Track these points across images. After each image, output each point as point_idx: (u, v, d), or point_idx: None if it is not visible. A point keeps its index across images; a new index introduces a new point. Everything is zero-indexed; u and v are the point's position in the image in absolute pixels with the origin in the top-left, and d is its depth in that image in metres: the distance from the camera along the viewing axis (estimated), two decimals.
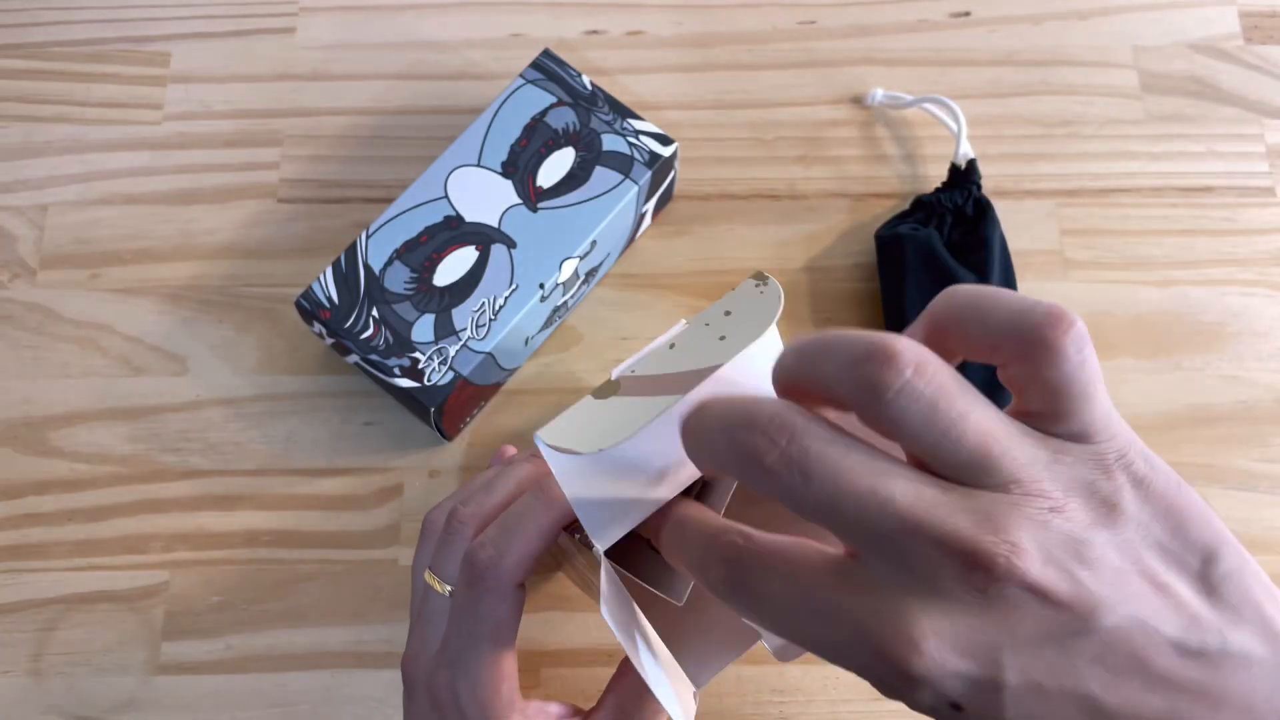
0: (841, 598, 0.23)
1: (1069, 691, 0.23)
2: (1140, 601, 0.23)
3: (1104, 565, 0.23)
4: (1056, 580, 0.23)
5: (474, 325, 0.44)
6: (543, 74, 0.48)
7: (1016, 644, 0.23)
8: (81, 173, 0.53)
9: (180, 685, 0.45)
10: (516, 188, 0.46)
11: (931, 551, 0.22)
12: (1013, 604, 0.22)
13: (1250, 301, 0.51)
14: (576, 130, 0.47)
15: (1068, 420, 0.25)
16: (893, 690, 0.23)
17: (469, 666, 0.34)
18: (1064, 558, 0.23)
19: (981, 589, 0.22)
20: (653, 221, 0.51)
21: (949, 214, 0.48)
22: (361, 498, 0.47)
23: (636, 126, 0.47)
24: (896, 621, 0.23)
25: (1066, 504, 0.23)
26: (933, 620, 0.22)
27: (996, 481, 0.23)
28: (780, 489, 0.24)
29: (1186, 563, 0.24)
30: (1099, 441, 0.25)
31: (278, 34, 0.55)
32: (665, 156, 0.47)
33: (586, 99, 0.48)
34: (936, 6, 0.56)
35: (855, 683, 0.45)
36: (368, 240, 0.45)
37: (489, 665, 0.34)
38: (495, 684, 0.34)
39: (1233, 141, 0.54)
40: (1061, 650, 0.23)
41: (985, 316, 0.25)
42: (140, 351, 0.50)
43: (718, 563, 0.26)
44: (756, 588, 0.25)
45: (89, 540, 0.47)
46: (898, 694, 0.23)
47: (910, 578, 0.23)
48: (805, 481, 0.23)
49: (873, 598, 0.23)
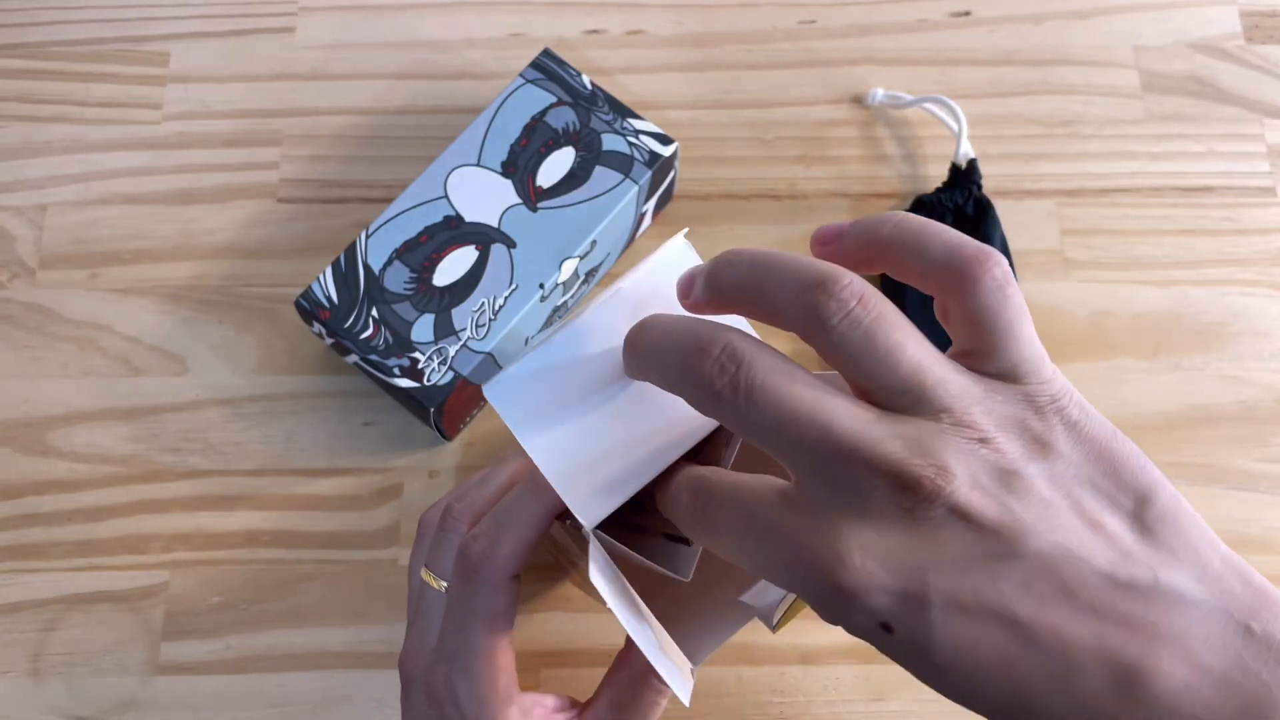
0: (782, 519, 0.25)
1: (995, 613, 0.23)
2: (1068, 532, 0.24)
3: (1032, 495, 0.24)
4: (982, 504, 0.23)
5: (474, 325, 0.44)
6: (543, 73, 0.48)
7: (942, 564, 0.23)
8: (81, 172, 0.53)
9: (180, 685, 0.45)
10: (516, 187, 0.46)
11: (863, 473, 0.24)
12: (940, 525, 0.23)
13: (1251, 301, 0.51)
14: (576, 130, 0.47)
15: (995, 357, 0.26)
16: (829, 609, 0.24)
17: (465, 660, 0.34)
18: (991, 484, 0.24)
19: (908, 509, 0.23)
20: (653, 221, 0.51)
21: (949, 214, 0.48)
22: (361, 498, 0.47)
23: (636, 126, 0.47)
24: (829, 538, 0.24)
25: (996, 437, 0.24)
26: (861, 537, 0.23)
27: (929, 410, 0.24)
28: (726, 413, 0.26)
29: (1120, 502, 0.25)
30: (1030, 383, 0.25)
31: (277, 33, 0.55)
32: (665, 156, 0.47)
33: (586, 99, 0.48)
34: (937, 6, 0.56)
35: (855, 683, 0.45)
36: (367, 240, 0.45)
37: (485, 658, 0.34)
38: (491, 677, 0.34)
39: (1233, 141, 0.54)
40: (987, 573, 0.23)
41: (923, 247, 0.26)
42: (140, 351, 0.50)
43: (686, 490, 0.28)
44: (714, 515, 0.26)
45: (88, 540, 0.47)
46: (835, 614, 0.24)
47: (844, 499, 0.24)
48: (749, 407, 0.25)
49: (810, 518, 0.24)
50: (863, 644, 0.45)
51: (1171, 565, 0.24)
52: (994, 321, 0.25)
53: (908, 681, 0.45)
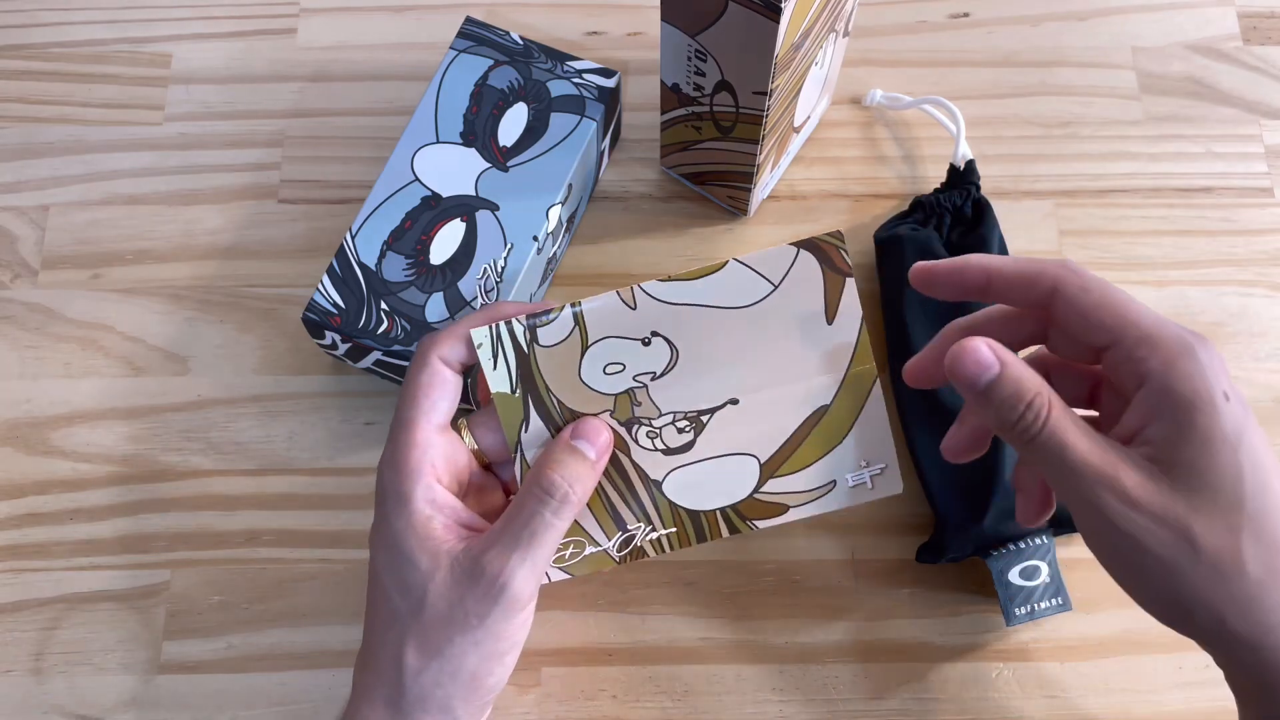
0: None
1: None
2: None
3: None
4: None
5: (483, 291, 0.45)
6: (472, 40, 0.49)
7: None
8: (83, 173, 0.53)
9: (181, 684, 0.45)
10: (482, 153, 0.47)
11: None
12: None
13: (1248, 302, 0.51)
14: (521, 85, 0.48)
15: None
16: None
17: (391, 436, 0.37)
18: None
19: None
20: (609, 162, 0.53)
21: (948, 214, 0.48)
22: (362, 497, 0.48)
23: (577, 67, 0.49)
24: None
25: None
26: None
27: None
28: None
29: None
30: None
31: (278, 35, 0.56)
32: (611, 88, 0.48)
33: (522, 54, 0.49)
34: (935, 8, 0.56)
35: (853, 681, 0.45)
36: (354, 240, 0.46)
37: (404, 429, 0.37)
38: (406, 450, 0.36)
39: (1231, 142, 0.54)
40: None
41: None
42: (141, 351, 0.50)
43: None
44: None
45: (90, 540, 0.47)
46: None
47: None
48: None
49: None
50: (862, 643, 0.45)
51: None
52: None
53: (906, 680, 0.45)
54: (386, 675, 0.36)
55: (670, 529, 0.39)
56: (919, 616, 0.46)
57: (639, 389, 0.39)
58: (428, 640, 0.35)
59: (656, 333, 0.38)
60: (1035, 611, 0.43)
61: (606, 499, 0.39)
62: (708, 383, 0.39)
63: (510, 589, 0.35)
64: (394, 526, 0.36)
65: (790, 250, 0.38)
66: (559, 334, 0.38)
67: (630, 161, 0.53)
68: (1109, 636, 0.45)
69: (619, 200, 0.52)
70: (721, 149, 0.47)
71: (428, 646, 0.35)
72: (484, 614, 0.35)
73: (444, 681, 0.35)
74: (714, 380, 0.39)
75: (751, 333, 0.38)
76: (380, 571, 0.37)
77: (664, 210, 0.52)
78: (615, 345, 0.38)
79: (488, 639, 0.35)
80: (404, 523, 0.36)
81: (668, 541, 0.40)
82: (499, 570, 0.35)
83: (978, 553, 0.44)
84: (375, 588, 0.37)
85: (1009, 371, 0.32)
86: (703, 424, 0.39)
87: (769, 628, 0.46)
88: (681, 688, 0.45)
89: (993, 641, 0.45)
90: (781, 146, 0.49)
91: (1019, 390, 0.32)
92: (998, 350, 0.33)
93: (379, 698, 0.36)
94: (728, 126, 0.46)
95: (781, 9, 0.37)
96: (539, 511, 0.36)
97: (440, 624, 0.35)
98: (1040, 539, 0.43)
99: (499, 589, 0.35)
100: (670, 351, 0.38)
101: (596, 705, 0.45)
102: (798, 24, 0.40)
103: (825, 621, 0.46)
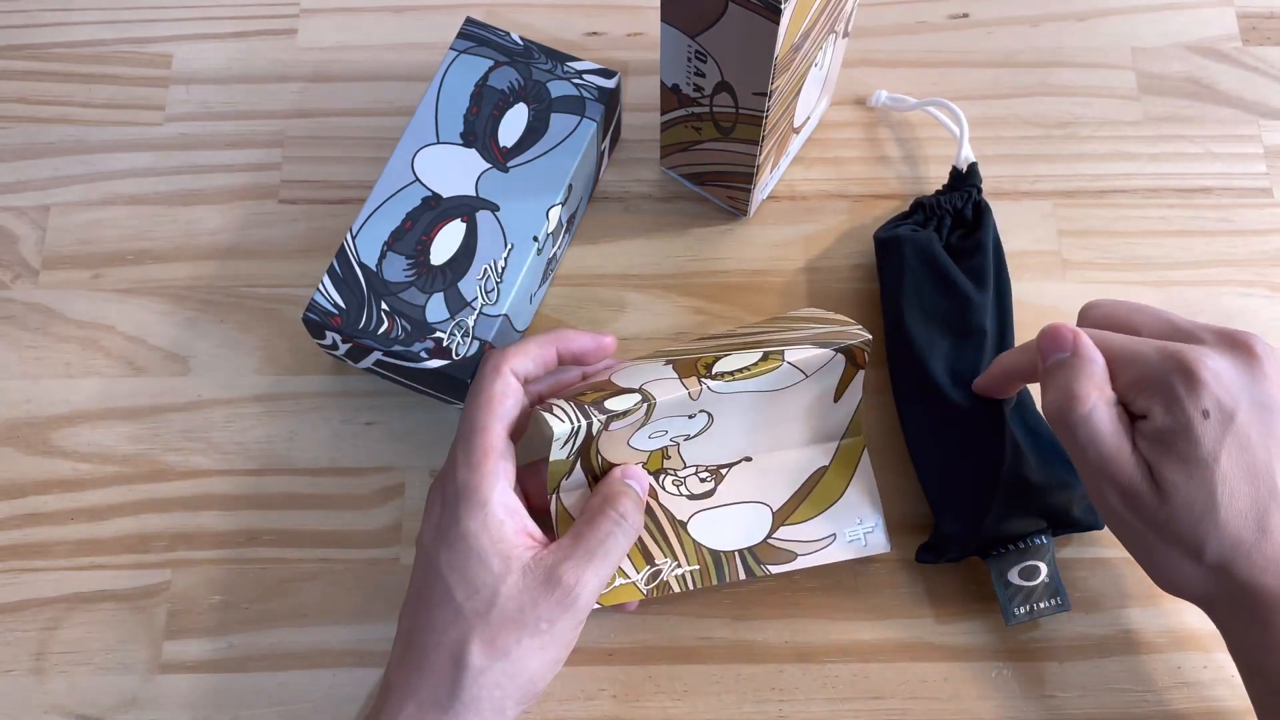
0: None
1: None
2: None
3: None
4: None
5: (483, 292, 0.45)
6: (473, 41, 0.49)
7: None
8: (84, 173, 0.53)
9: (182, 684, 0.45)
10: (482, 153, 0.47)
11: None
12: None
13: (1248, 302, 0.51)
14: (521, 86, 0.48)
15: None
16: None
17: (466, 434, 0.39)
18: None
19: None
20: (609, 162, 0.53)
21: (948, 216, 0.48)
22: (363, 497, 0.48)
23: (577, 68, 0.49)
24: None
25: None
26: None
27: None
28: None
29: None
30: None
31: (279, 35, 0.56)
32: (611, 88, 0.48)
33: (522, 54, 0.49)
34: (935, 8, 0.56)
35: (853, 680, 0.45)
36: (355, 240, 0.46)
37: (481, 433, 0.38)
38: (483, 453, 0.38)
39: (1230, 143, 0.54)
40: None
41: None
42: (142, 351, 0.50)
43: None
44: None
45: (91, 539, 0.47)
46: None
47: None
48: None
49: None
50: (862, 643, 0.45)
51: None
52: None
53: (906, 680, 0.45)
54: (440, 673, 0.37)
55: (694, 566, 0.43)
56: (919, 616, 0.46)
57: (671, 446, 0.43)
58: (495, 641, 0.36)
59: (703, 410, 0.42)
60: (1035, 611, 0.43)
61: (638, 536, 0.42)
62: (729, 443, 0.44)
63: (581, 599, 0.37)
64: (468, 526, 0.37)
65: (832, 354, 0.42)
66: (626, 420, 0.40)
67: (630, 162, 0.53)
68: (1109, 636, 0.45)
69: (619, 200, 0.53)
70: (721, 149, 0.47)
71: (495, 647, 0.36)
72: (554, 620, 0.37)
73: (504, 682, 0.37)
74: (735, 441, 0.44)
75: (773, 408, 0.43)
76: (444, 570, 0.37)
77: (664, 211, 0.52)
78: (667, 422, 0.41)
79: (552, 644, 0.37)
80: (479, 523, 0.37)
81: (692, 578, 0.43)
82: (575, 581, 0.37)
83: (977, 553, 0.44)
84: (433, 586, 0.38)
85: (1075, 361, 0.38)
86: (721, 475, 0.45)
87: (769, 628, 0.46)
88: (681, 688, 0.45)
89: (993, 641, 0.45)
90: (781, 147, 0.49)
91: (1074, 385, 0.38)
92: (1078, 340, 0.38)
93: (425, 697, 0.36)
94: (728, 127, 0.46)
95: (781, 10, 0.37)
96: (614, 532, 0.39)
97: (510, 626, 0.37)
98: (1040, 539, 0.43)
99: (572, 598, 0.37)
100: (708, 420, 0.42)
101: (596, 705, 0.45)
102: (797, 25, 0.40)
103: (825, 621, 0.46)
